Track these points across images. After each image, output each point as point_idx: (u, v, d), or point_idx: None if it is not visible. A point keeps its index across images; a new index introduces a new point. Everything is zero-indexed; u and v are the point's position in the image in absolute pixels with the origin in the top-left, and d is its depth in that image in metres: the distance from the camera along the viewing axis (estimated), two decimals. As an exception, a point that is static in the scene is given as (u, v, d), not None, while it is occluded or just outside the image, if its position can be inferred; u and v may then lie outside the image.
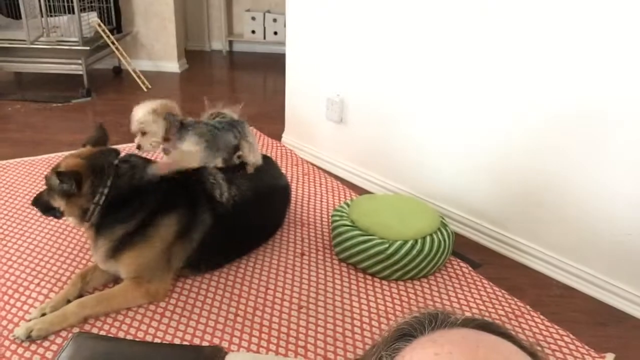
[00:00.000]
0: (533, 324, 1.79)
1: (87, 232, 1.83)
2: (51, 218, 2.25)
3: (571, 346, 1.70)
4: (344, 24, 2.66)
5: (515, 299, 1.91)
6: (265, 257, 2.09)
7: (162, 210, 1.80)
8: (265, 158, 2.33)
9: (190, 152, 1.88)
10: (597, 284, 1.99)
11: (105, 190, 1.73)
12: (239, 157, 2.10)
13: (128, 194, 1.76)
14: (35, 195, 1.89)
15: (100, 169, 1.73)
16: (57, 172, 1.69)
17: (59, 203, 1.75)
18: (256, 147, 2.14)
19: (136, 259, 1.76)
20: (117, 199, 1.75)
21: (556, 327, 1.78)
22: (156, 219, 1.79)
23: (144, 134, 1.85)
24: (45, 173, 2.65)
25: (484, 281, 2.01)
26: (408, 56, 2.41)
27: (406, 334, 0.52)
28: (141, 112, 1.85)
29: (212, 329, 1.69)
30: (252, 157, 2.09)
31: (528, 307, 1.87)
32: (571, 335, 1.74)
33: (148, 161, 1.87)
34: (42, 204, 1.82)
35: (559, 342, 1.71)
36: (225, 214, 1.91)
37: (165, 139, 1.91)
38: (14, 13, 4.45)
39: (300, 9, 2.89)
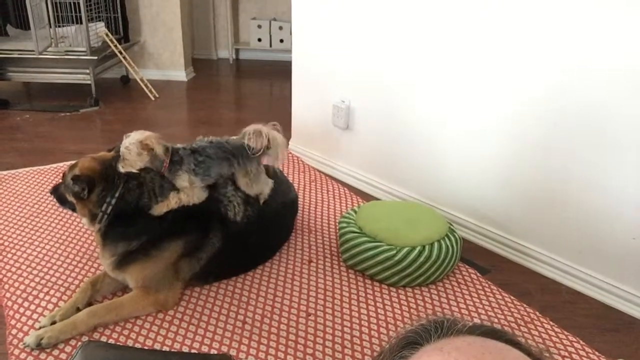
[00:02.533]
0: (543, 330, 1.78)
1: (96, 236, 1.84)
2: (61, 225, 2.27)
3: (581, 352, 1.69)
4: (349, 31, 2.67)
5: (525, 305, 1.90)
6: (273, 264, 2.09)
7: (170, 232, 1.80)
8: (274, 170, 2.32)
9: (187, 189, 1.84)
10: (607, 289, 1.98)
11: (113, 201, 1.74)
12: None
13: (135, 210, 1.76)
14: (51, 188, 1.94)
15: (111, 179, 1.75)
16: (73, 175, 1.72)
17: (72, 199, 1.80)
18: (260, 178, 2.00)
19: (142, 272, 1.77)
20: (124, 213, 1.76)
21: (566, 333, 1.76)
22: (162, 241, 1.79)
23: (124, 159, 1.78)
24: (54, 181, 2.68)
25: (492, 287, 2.00)
26: (414, 62, 2.41)
27: (412, 342, 0.52)
28: (130, 140, 1.79)
29: (221, 336, 1.69)
30: (252, 190, 1.98)
31: (537, 313, 1.86)
32: (581, 341, 1.73)
33: (162, 179, 1.86)
34: (59, 195, 1.87)
35: (569, 349, 1.70)
36: (236, 235, 1.91)
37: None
38: (23, 24, 4.50)
39: (306, 16, 2.91)
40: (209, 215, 1.88)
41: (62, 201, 1.87)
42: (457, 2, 2.17)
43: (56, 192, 1.89)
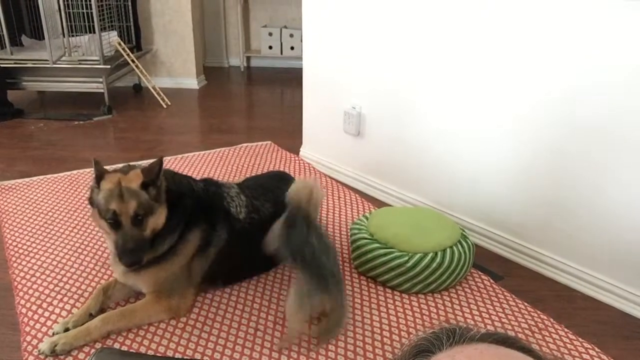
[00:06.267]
0: (557, 337, 1.76)
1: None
2: (74, 233, 2.29)
3: (597, 360, 1.67)
4: (360, 38, 2.67)
5: (539, 312, 1.88)
6: (285, 270, 2.09)
7: (190, 226, 1.81)
8: (284, 175, 2.34)
9: None
10: (622, 295, 1.95)
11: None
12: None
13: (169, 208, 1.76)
14: (125, 257, 1.64)
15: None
16: (143, 183, 1.63)
17: (152, 222, 1.67)
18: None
19: (156, 274, 1.77)
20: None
21: (581, 340, 1.74)
22: (183, 237, 1.79)
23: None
24: (68, 188, 2.70)
25: (506, 294, 1.99)
26: (425, 68, 2.41)
27: (424, 350, 0.52)
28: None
29: (232, 343, 1.69)
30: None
31: (552, 319, 1.84)
32: (596, 349, 1.71)
33: (176, 173, 1.88)
34: (138, 246, 1.65)
35: (584, 356, 1.68)
36: (240, 232, 1.92)
37: None
38: (38, 34, 4.56)
39: (316, 24, 2.92)
40: (214, 209, 1.90)
41: (143, 247, 1.67)
42: (468, 9, 2.17)
43: (134, 251, 1.64)
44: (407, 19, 2.42)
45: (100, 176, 1.66)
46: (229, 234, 1.89)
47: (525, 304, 1.93)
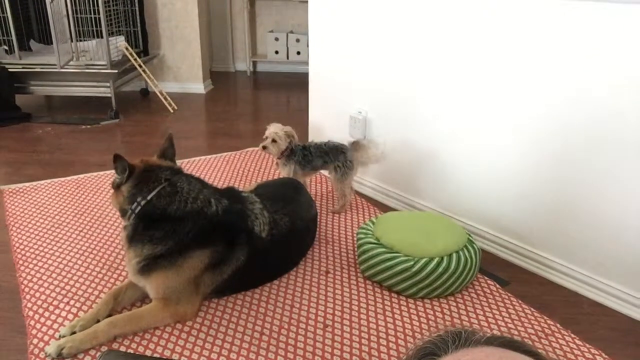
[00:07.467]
0: (564, 342, 1.75)
1: (122, 235, 1.86)
2: (82, 236, 2.30)
3: (604, 366, 1.66)
4: (365, 43, 2.68)
5: (545, 317, 1.87)
6: (291, 275, 2.09)
7: (195, 243, 1.79)
8: (296, 183, 2.36)
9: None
10: (630, 301, 1.94)
11: (142, 202, 1.77)
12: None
13: (162, 217, 1.77)
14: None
15: (147, 181, 1.79)
16: (119, 159, 1.77)
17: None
18: (347, 174, 2.54)
19: (163, 281, 1.77)
20: (151, 217, 1.77)
21: (588, 346, 1.74)
22: (187, 251, 1.78)
23: (274, 141, 2.48)
24: (75, 192, 2.72)
25: (512, 299, 1.98)
26: (431, 73, 2.41)
27: (430, 353, 0.52)
28: (278, 128, 2.50)
29: (238, 347, 1.69)
30: (338, 186, 2.56)
31: (558, 325, 1.83)
32: (604, 355, 1.70)
33: (204, 187, 1.89)
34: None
35: (591, 362, 1.67)
36: (260, 251, 1.92)
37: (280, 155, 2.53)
38: (46, 39, 4.60)
39: (322, 28, 2.92)
40: (237, 229, 1.89)
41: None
42: (473, 16, 2.17)
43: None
44: (413, 25, 2.43)
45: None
46: (249, 253, 1.89)
47: (532, 309, 1.92)
